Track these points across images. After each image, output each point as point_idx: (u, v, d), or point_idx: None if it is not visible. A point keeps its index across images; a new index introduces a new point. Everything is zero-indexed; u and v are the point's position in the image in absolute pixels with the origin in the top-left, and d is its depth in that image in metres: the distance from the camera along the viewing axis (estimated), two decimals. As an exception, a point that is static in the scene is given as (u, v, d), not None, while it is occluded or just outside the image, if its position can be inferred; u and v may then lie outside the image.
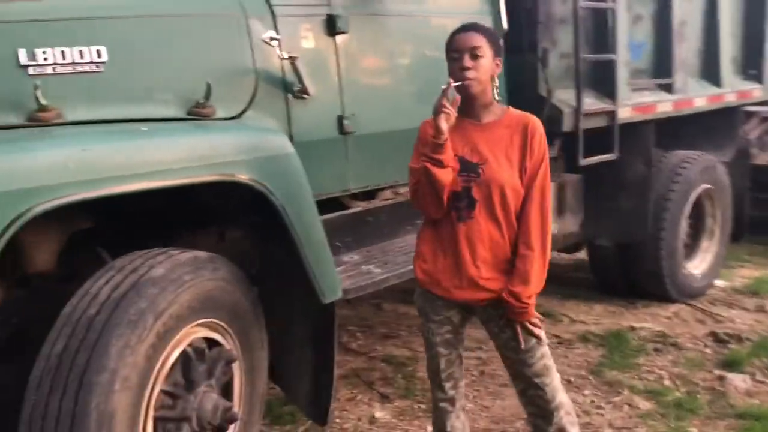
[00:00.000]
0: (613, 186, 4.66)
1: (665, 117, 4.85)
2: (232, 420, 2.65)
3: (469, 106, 2.33)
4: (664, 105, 4.57)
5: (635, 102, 4.35)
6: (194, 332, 2.48)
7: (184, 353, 2.43)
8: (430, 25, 3.37)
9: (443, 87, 2.23)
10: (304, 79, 2.81)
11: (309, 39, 2.92)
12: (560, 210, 4.44)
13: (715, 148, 5.52)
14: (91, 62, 2.37)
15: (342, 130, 3.03)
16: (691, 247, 5.37)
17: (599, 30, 4.11)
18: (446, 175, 2.27)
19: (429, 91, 2.36)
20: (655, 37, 4.60)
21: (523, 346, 2.35)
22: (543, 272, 2.33)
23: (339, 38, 3.00)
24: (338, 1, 2.99)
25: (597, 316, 4.86)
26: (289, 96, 2.84)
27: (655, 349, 4.27)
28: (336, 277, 2.82)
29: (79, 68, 2.35)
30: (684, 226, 5.11)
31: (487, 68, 2.28)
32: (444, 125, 2.21)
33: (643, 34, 4.50)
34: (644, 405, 3.59)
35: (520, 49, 3.87)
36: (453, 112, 2.23)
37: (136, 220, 2.77)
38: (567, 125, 3.87)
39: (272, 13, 2.81)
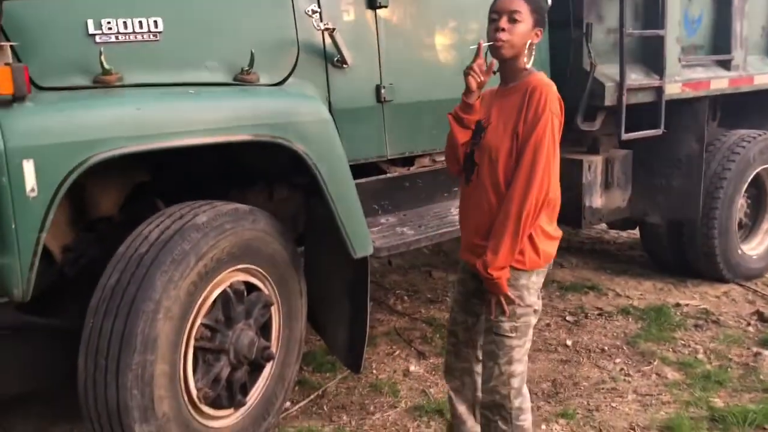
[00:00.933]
0: (665, 163, 4.67)
1: (725, 94, 4.82)
2: (269, 358, 2.96)
3: (503, 70, 2.34)
4: (719, 82, 4.53)
5: (686, 78, 4.33)
6: (234, 276, 2.79)
7: (224, 293, 2.74)
8: (469, 1, 3.49)
9: (472, 47, 2.31)
10: (343, 50, 3.03)
11: (350, 12, 3.13)
12: (607, 184, 4.50)
13: (783, 128, 5.40)
14: (149, 32, 2.67)
15: (379, 98, 3.24)
16: (751, 228, 5.30)
17: (651, 5, 4.12)
18: (464, 135, 2.39)
19: (466, 63, 2.38)
20: (714, 14, 4.54)
21: (493, 316, 2.33)
22: (517, 244, 2.23)
23: (379, 11, 3.20)
24: (380, -24, 3.18)
25: (644, 292, 4.89)
26: (329, 65, 3.07)
27: (696, 325, 4.30)
28: (367, 235, 3.04)
29: (139, 37, 2.65)
30: (740, 205, 5.05)
31: (523, 33, 2.24)
32: (473, 85, 2.29)
33: (699, 10, 4.46)
34: (673, 375, 3.67)
35: (566, 23, 3.95)
36: (480, 75, 2.28)
37: (192, 177, 3.10)
38: (609, 99, 3.93)
39: (315, -13, 3.04)
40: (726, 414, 3.18)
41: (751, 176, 4.98)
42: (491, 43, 2.26)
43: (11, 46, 2.33)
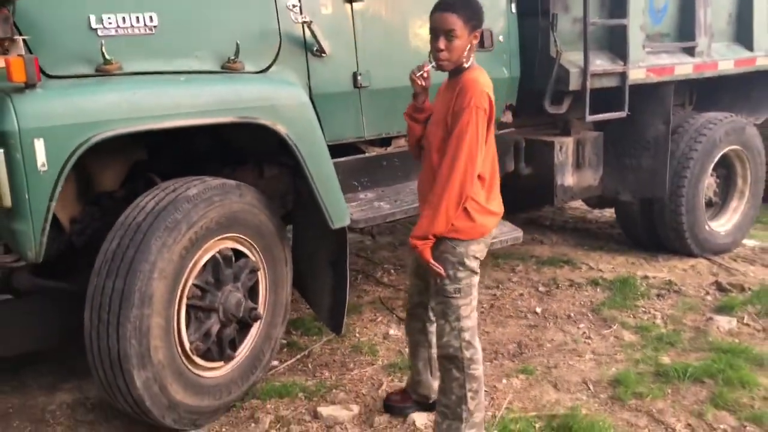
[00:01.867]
0: (634, 144, 4.98)
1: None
2: (256, 318, 3.30)
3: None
4: (683, 67, 4.81)
5: (650, 64, 4.62)
6: (223, 243, 3.12)
7: (213, 258, 3.08)
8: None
9: (418, 67, 2.65)
10: (321, 41, 3.35)
11: (328, 6, 3.45)
12: (578, 164, 4.81)
13: (751, 111, 5.68)
14: (145, 26, 2.99)
15: (356, 84, 3.56)
16: (720, 206, 5.60)
17: (616, -4, 4.41)
18: (420, 129, 2.79)
19: None
20: (679, 3, 4.82)
21: (435, 282, 2.67)
22: (437, 219, 2.53)
23: (355, 5, 3.52)
24: (355, -28, 3.49)
25: (616, 266, 5.21)
26: (309, 54, 3.39)
27: (658, 295, 4.61)
28: (344, 207, 3.37)
29: (136, 30, 2.97)
30: (709, 185, 5.35)
31: (461, 47, 2.53)
32: (418, 89, 2.67)
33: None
34: (629, 338, 3.99)
35: (535, 13, 4.25)
36: (424, 82, 2.66)
37: (187, 157, 3.43)
38: (573, 84, 4.23)
39: (296, -17, 3.35)
40: (669, 369, 3.51)
41: (718, 157, 5.26)
42: (434, 63, 2.58)
43: (24, 40, 2.67)
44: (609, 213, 6.44)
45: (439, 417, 2.81)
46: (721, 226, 5.52)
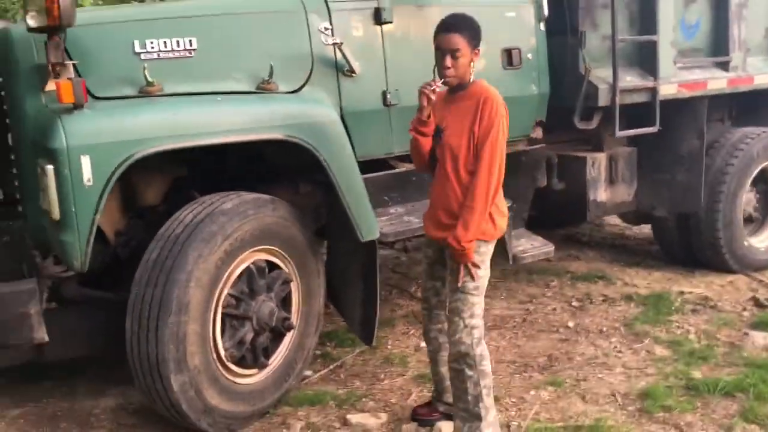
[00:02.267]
0: (669, 159, 4.98)
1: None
2: (289, 328, 3.43)
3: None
4: (717, 82, 4.81)
5: (682, 79, 4.63)
6: (257, 255, 3.27)
7: (248, 269, 3.22)
8: (471, 14, 3.90)
9: (428, 82, 2.81)
10: (351, 61, 3.50)
11: (359, 28, 3.60)
12: (611, 180, 4.84)
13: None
14: (185, 50, 3.20)
15: (386, 102, 3.69)
16: (761, 222, 5.52)
17: (646, 13, 4.45)
18: (427, 142, 2.94)
19: None
20: (711, 19, 4.83)
21: (459, 283, 2.81)
22: (483, 223, 2.76)
23: (385, 27, 3.66)
24: (385, -6, 3.64)
25: (651, 281, 5.18)
26: (340, 75, 3.54)
27: (693, 310, 4.58)
28: (373, 221, 3.49)
29: (177, 54, 3.18)
30: (748, 200, 5.29)
31: (464, 63, 2.77)
32: (425, 103, 2.82)
33: (697, 16, 4.76)
34: (661, 352, 3.98)
35: (563, 31, 4.33)
36: (432, 96, 2.81)
37: (226, 174, 3.60)
38: (602, 100, 4.28)
39: (328, 8, 3.52)
40: (700, 383, 3.50)
41: (756, 172, 5.22)
42: (442, 80, 2.80)
43: (73, 64, 2.88)
44: (647, 229, 6.40)
45: (460, 422, 2.91)
46: (762, 242, 5.45)
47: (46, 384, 3.74)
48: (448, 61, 2.75)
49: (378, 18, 3.63)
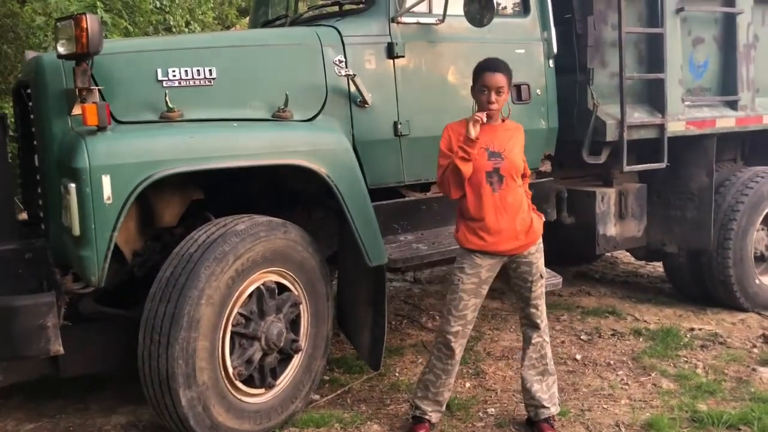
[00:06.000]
0: (679, 195, 5.04)
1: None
2: (297, 350, 3.50)
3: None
4: (725, 120, 4.88)
5: (691, 117, 4.72)
6: (267, 276, 3.36)
7: (258, 289, 3.32)
8: (482, 50, 4.02)
9: (479, 114, 3.14)
10: (363, 92, 3.64)
11: (372, 62, 3.75)
12: (621, 215, 4.89)
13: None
14: (205, 78, 3.35)
15: (397, 132, 3.82)
16: (773, 261, 5.53)
17: (654, 52, 4.56)
18: (469, 167, 3.16)
19: (470, 102, 3.26)
20: (720, 59, 4.94)
21: (543, 277, 3.35)
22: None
23: (397, 60, 3.80)
24: (398, 31, 3.79)
25: (662, 317, 5.19)
26: (353, 105, 3.68)
27: (702, 346, 4.58)
28: (381, 246, 3.58)
29: (197, 82, 3.34)
30: (760, 238, 5.31)
31: (506, 98, 3.23)
32: (477, 129, 3.11)
33: (705, 56, 4.87)
34: (668, 385, 3.98)
35: (572, 69, 4.45)
36: (483, 120, 3.14)
37: (240, 199, 3.73)
38: (610, 135, 4.37)
39: (342, 42, 3.67)
40: (704, 416, 3.50)
41: (766, 210, 5.24)
42: (486, 112, 3.16)
43: (99, 89, 3.04)
44: (660, 268, 6.40)
45: (542, 384, 3.44)
46: (774, 280, 5.44)
47: (60, 401, 3.84)
48: (493, 97, 3.17)
49: (390, 52, 3.78)
